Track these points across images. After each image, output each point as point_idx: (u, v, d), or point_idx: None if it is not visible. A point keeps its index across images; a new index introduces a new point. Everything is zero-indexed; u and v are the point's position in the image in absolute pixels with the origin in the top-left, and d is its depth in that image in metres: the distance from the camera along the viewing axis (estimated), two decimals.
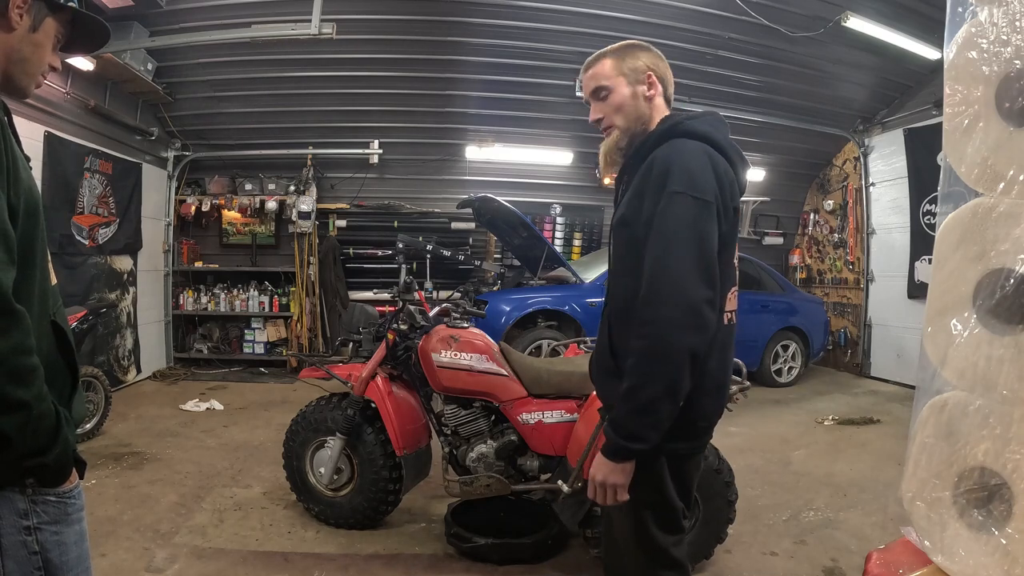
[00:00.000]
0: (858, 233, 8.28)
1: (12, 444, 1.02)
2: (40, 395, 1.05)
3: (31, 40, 1.15)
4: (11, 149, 1.07)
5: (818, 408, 6.23)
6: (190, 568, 2.88)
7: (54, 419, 1.09)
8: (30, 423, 1.03)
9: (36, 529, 1.11)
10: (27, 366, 1.03)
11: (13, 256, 1.03)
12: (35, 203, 1.13)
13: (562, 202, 8.34)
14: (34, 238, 1.13)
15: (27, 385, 1.03)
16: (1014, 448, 1.28)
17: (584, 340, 4.06)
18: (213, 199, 7.57)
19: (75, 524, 1.18)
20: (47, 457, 1.08)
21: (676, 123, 1.66)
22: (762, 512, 3.65)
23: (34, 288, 1.12)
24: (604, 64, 1.79)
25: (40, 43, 1.17)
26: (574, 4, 5.93)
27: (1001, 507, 1.31)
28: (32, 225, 1.12)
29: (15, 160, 1.08)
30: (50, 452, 1.08)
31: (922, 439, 1.48)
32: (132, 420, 5.25)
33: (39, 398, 1.05)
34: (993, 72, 1.34)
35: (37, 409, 1.04)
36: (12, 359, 1.00)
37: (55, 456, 1.09)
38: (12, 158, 1.07)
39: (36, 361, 1.05)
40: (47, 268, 1.19)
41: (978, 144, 1.36)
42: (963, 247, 1.40)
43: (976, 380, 1.36)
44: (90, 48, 1.36)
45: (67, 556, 1.15)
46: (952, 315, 1.41)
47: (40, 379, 1.06)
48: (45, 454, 1.08)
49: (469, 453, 2.97)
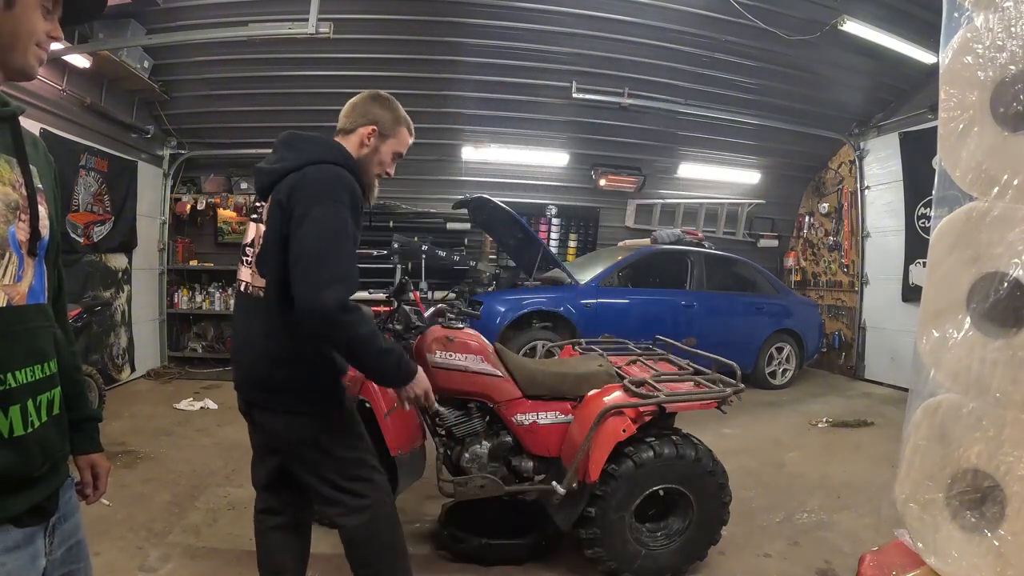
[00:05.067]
0: (853, 236, 8.31)
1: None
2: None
3: (10, 16, 1.08)
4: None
5: (812, 410, 6.24)
6: (183, 567, 2.87)
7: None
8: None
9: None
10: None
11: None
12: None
13: (557, 203, 8.34)
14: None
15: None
16: (1007, 450, 1.29)
17: (579, 341, 4.06)
18: (208, 198, 7.55)
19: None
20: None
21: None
22: (756, 514, 3.66)
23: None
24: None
25: (20, 16, 1.09)
26: (570, 6, 5.94)
27: (994, 509, 1.32)
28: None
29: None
30: None
31: (915, 441, 1.49)
32: (126, 419, 5.22)
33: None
34: (988, 77, 1.35)
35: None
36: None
37: None
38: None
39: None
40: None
41: (973, 148, 1.37)
42: (957, 251, 1.41)
43: (969, 383, 1.37)
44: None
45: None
46: (946, 318, 1.42)
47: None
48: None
49: (463, 454, 2.97)
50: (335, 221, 1.83)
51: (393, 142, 2.15)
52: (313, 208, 1.82)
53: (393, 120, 2.13)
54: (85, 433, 1.44)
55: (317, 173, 1.88)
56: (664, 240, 7.19)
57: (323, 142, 2.04)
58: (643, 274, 7.12)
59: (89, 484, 1.45)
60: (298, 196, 1.85)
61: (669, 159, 8.37)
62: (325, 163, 1.92)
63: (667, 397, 2.79)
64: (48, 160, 1.30)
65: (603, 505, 2.71)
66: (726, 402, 2.88)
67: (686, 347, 3.60)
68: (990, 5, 1.34)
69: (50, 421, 1.17)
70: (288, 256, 1.82)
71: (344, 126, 2.11)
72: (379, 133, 2.10)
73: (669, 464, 2.77)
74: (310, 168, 1.89)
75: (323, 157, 1.94)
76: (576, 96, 6.85)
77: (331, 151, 2.00)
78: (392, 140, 2.15)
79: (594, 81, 6.84)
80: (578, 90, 6.83)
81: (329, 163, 1.93)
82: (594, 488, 2.70)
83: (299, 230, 1.81)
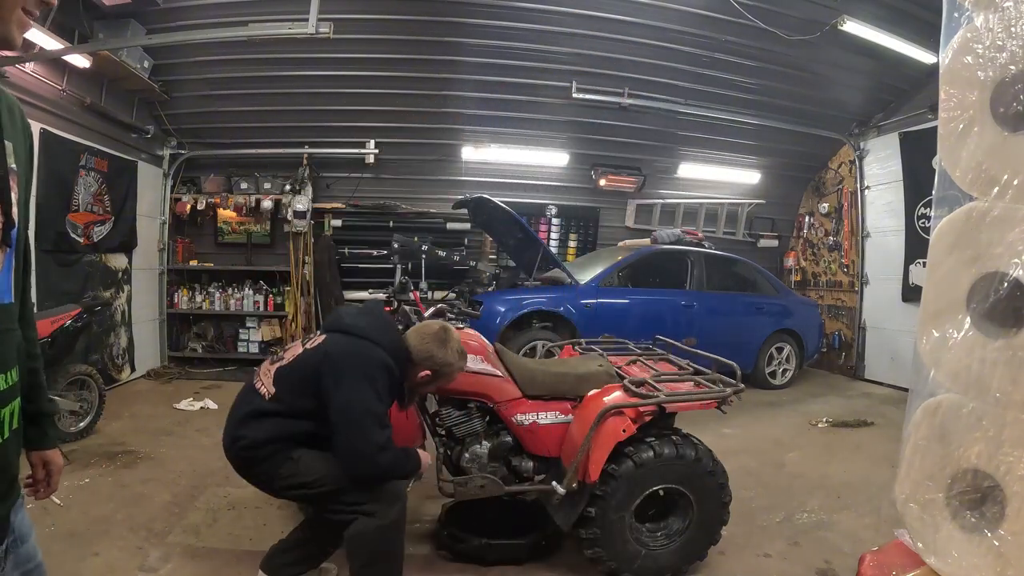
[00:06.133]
0: (853, 236, 8.31)
1: None
2: None
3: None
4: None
5: (812, 410, 6.24)
6: (183, 567, 2.87)
7: None
8: None
9: None
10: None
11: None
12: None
13: (557, 203, 8.34)
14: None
15: None
16: (1007, 450, 1.29)
17: (579, 341, 4.06)
18: (208, 198, 7.54)
19: None
20: None
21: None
22: (756, 514, 3.66)
23: None
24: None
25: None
26: (571, 6, 5.94)
27: (994, 509, 1.32)
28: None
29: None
30: None
31: (915, 441, 1.49)
32: (126, 419, 5.22)
33: None
34: (988, 77, 1.34)
35: None
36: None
37: None
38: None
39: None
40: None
41: (973, 148, 1.37)
42: (957, 251, 1.41)
43: (969, 383, 1.37)
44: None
45: None
46: (946, 318, 1.42)
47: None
48: None
49: (463, 454, 2.97)
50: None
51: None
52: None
53: None
54: (40, 428, 1.33)
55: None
56: (664, 240, 7.18)
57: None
58: (643, 274, 7.12)
59: (42, 481, 1.35)
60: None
61: (669, 159, 8.37)
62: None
63: (667, 397, 2.79)
64: (24, 130, 1.19)
65: (603, 505, 2.71)
66: (726, 402, 2.88)
67: (686, 347, 3.60)
68: (990, 5, 1.34)
69: (11, 437, 1.09)
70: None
71: None
72: None
73: (669, 464, 2.77)
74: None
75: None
76: (576, 96, 6.85)
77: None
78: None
79: (594, 81, 6.84)
80: (578, 90, 6.83)
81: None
82: (594, 488, 2.70)
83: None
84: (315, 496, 2.32)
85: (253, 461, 2.31)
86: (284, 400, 2.29)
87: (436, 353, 2.40)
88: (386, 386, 2.29)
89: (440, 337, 2.43)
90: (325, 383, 2.23)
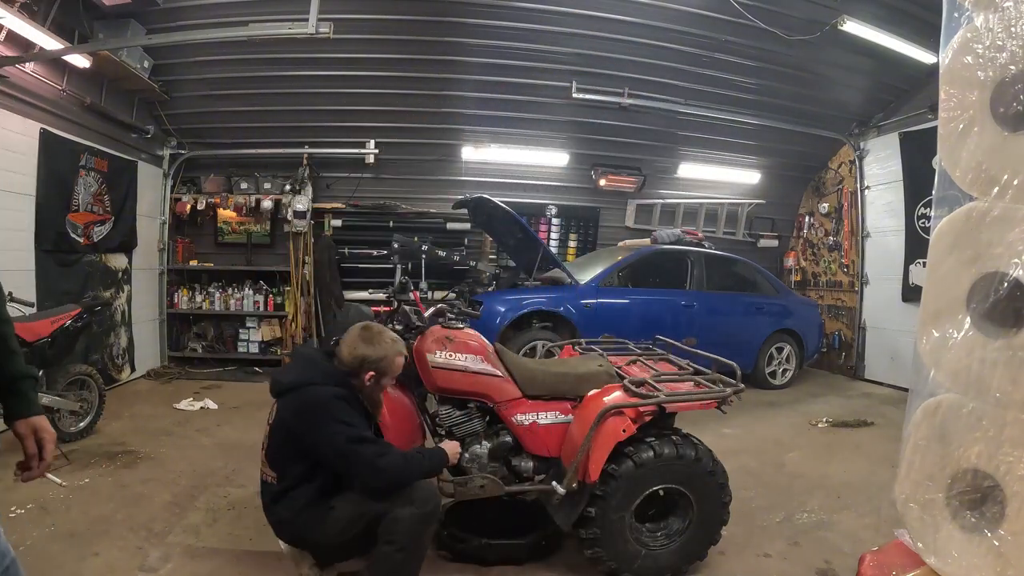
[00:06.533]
0: (853, 236, 8.31)
1: None
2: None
3: None
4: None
5: (812, 410, 6.24)
6: (183, 567, 2.87)
7: None
8: None
9: None
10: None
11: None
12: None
13: (557, 203, 8.34)
14: None
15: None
16: (1007, 450, 1.29)
17: (579, 341, 4.06)
18: (208, 198, 7.54)
19: None
20: None
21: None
22: (756, 514, 3.66)
23: None
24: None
25: None
26: (570, 6, 5.94)
27: (994, 509, 1.32)
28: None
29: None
30: None
31: (915, 441, 1.49)
32: (126, 419, 5.22)
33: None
34: (988, 77, 1.34)
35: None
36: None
37: None
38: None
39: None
40: None
41: (973, 148, 1.37)
42: (957, 251, 1.41)
43: (969, 383, 1.36)
44: None
45: None
46: (946, 318, 1.42)
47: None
48: None
49: (463, 454, 2.97)
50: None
51: None
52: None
53: None
54: (21, 394, 1.23)
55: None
56: (664, 240, 7.18)
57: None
58: (643, 274, 7.11)
59: (34, 455, 1.24)
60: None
61: (669, 159, 8.37)
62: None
63: (667, 397, 2.79)
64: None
65: (603, 505, 2.71)
66: (726, 402, 2.88)
67: (686, 347, 3.60)
68: (990, 5, 1.34)
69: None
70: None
71: None
72: None
73: (669, 464, 2.77)
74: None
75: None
76: (576, 96, 6.85)
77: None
78: None
79: (594, 81, 6.84)
80: (578, 90, 6.83)
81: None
82: (594, 488, 2.70)
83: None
84: (367, 526, 2.34)
85: (303, 531, 2.39)
86: (287, 475, 2.38)
87: (367, 354, 2.41)
88: (348, 410, 2.35)
89: (364, 337, 2.44)
90: (303, 445, 2.33)
